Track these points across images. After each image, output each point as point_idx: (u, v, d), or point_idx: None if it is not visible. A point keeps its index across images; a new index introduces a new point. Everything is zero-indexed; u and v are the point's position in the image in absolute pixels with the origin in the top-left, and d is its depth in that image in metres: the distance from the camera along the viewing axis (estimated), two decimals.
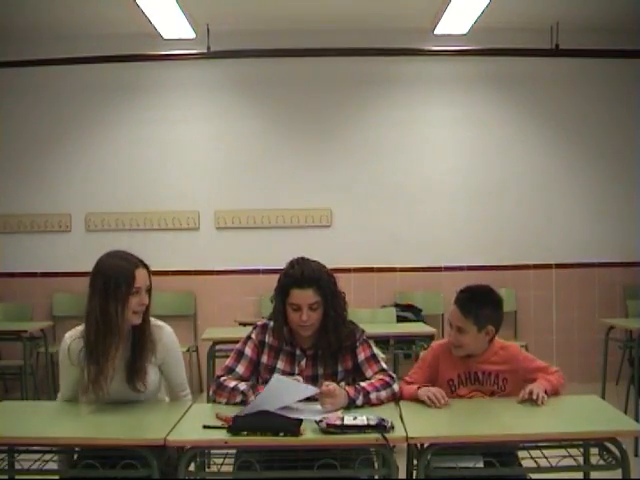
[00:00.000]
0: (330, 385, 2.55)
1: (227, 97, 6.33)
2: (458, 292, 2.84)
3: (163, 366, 2.79)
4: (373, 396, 2.60)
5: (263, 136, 6.31)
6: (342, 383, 2.71)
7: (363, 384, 2.64)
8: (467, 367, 2.78)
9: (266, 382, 2.63)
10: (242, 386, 2.65)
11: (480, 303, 2.77)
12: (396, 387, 2.69)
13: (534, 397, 2.55)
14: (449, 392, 2.76)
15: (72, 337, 2.75)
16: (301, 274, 2.69)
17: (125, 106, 6.27)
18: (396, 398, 2.68)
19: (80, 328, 2.75)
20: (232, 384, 2.67)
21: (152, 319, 2.78)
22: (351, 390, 2.58)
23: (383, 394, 2.63)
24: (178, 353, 2.83)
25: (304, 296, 2.68)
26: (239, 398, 2.62)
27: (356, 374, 2.75)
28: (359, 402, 2.56)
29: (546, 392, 2.60)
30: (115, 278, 2.67)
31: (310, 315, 2.68)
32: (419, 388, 2.66)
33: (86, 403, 2.71)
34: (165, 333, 2.79)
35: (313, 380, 2.71)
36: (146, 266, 2.74)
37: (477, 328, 2.73)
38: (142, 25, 5.55)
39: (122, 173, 6.28)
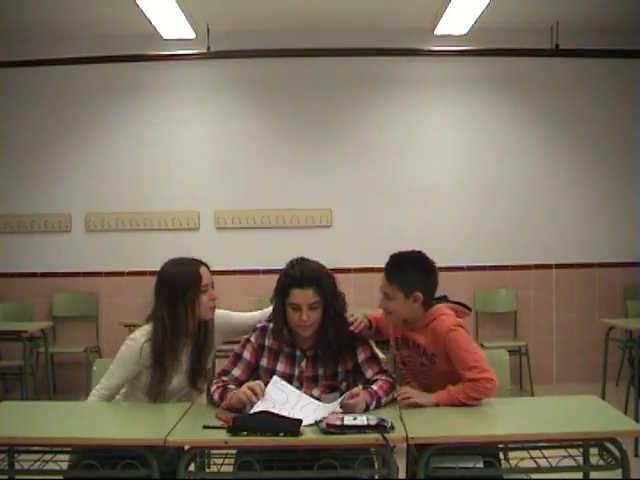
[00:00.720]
0: (358, 396, 2.53)
1: (227, 97, 6.33)
2: (388, 257, 2.80)
3: (228, 330, 3.00)
4: (383, 400, 2.62)
5: (263, 136, 6.31)
6: (344, 383, 2.73)
7: (375, 388, 2.63)
8: (402, 332, 2.82)
9: (266, 385, 2.64)
10: (216, 395, 2.65)
11: (406, 269, 2.72)
12: (398, 388, 2.70)
13: (402, 397, 2.58)
14: (397, 351, 2.84)
15: (145, 337, 2.80)
16: (301, 274, 2.68)
17: (125, 106, 6.27)
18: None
19: (148, 328, 2.82)
20: (213, 388, 2.69)
21: None
22: (367, 396, 2.57)
23: (390, 397, 2.65)
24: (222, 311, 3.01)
25: (304, 296, 2.67)
26: (217, 407, 2.63)
27: (356, 374, 2.75)
28: (372, 407, 2.57)
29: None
30: (183, 283, 2.80)
31: (310, 315, 2.67)
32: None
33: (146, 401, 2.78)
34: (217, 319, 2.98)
35: (313, 381, 2.72)
36: (206, 264, 2.90)
37: (404, 294, 2.69)
38: (142, 25, 5.55)
39: (122, 173, 6.28)
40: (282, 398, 2.57)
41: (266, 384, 2.64)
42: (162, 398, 2.76)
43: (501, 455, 2.53)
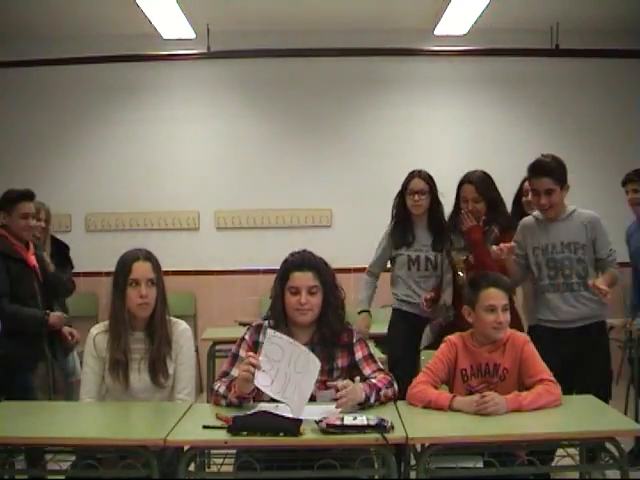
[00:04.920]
0: (344, 382, 2.55)
1: (227, 97, 6.33)
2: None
3: (175, 362, 2.85)
4: (382, 393, 2.63)
5: (263, 136, 6.31)
6: (339, 380, 2.70)
7: (373, 381, 2.65)
8: (479, 359, 2.77)
9: None
10: (221, 389, 2.66)
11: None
12: (396, 387, 2.70)
13: (484, 406, 2.50)
14: (461, 382, 2.77)
15: (97, 329, 2.87)
16: (302, 259, 2.75)
17: (125, 106, 6.27)
18: (395, 398, 2.69)
19: (106, 322, 2.86)
20: (217, 386, 2.69)
21: (172, 318, 2.89)
22: (366, 387, 2.59)
23: (389, 392, 2.65)
24: (188, 353, 2.88)
25: (304, 278, 2.70)
26: (223, 402, 2.64)
27: (353, 372, 2.74)
28: (372, 400, 2.58)
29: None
30: (116, 272, 2.82)
31: (309, 299, 2.68)
32: (454, 398, 2.59)
33: (112, 399, 2.79)
34: (177, 330, 2.88)
35: None
36: (150, 259, 2.83)
37: (511, 305, 2.85)
38: (142, 25, 5.55)
39: (122, 173, 6.28)
40: (279, 355, 2.56)
41: None
42: (120, 386, 2.76)
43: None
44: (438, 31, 5.93)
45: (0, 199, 3.86)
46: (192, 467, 2.45)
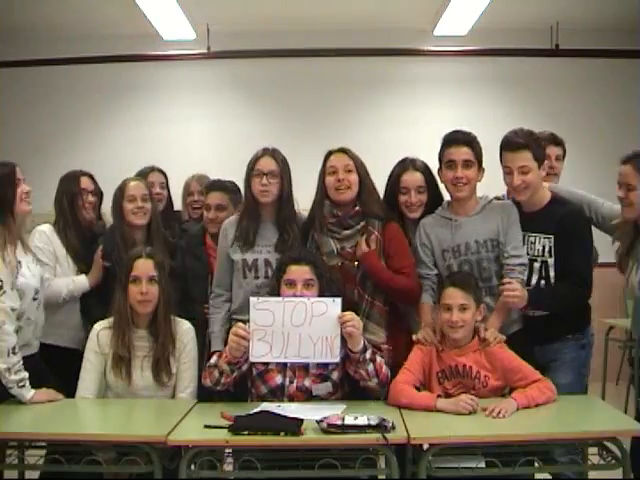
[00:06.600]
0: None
1: (227, 97, 6.33)
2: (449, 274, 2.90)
3: (178, 361, 2.87)
4: (379, 360, 2.66)
5: (263, 136, 6.24)
6: (334, 373, 2.71)
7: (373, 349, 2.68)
8: (448, 361, 2.74)
9: (260, 374, 2.71)
10: (212, 360, 2.68)
11: (475, 281, 2.83)
12: (388, 372, 2.70)
13: (494, 414, 2.47)
14: (437, 385, 2.75)
15: (101, 326, 2.88)
16: (299, 252, 2.83)
17: (125, 106, 6.27)
18: (387, 381, 2.68)
19: (110, 319, 2.88)
20: (209, 362, 2.71)
21: (176, 318, 2.92)
22: (366, 342, 2.63)
23: (384, 368, 2.67)
24: (191, 353, 2.90)
25: (300, 271, 2.73)
26: (216, 373, 2.65)
27: (347, 360, 2.72)
28: (367, 355, 2.61)
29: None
30: (121, 268, 2.90)
31: (305, 292, 2.69)
32: (438, 397, 2.59)
33: (114, 396, 2.82)
34: (181, 329, 2.90)
35: (304, 370, 2.72)
36: (152, 257, 2.88)
37: (475, 305, 2.72)
38: (142, 25, 5.55)
39: (121, 173, 6.18)
40: (269, 319, 2.59)
41: (260, 372, 2.70)
42: (124, 382, 2.79)
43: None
44: (438, 31, 5.92)
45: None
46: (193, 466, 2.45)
